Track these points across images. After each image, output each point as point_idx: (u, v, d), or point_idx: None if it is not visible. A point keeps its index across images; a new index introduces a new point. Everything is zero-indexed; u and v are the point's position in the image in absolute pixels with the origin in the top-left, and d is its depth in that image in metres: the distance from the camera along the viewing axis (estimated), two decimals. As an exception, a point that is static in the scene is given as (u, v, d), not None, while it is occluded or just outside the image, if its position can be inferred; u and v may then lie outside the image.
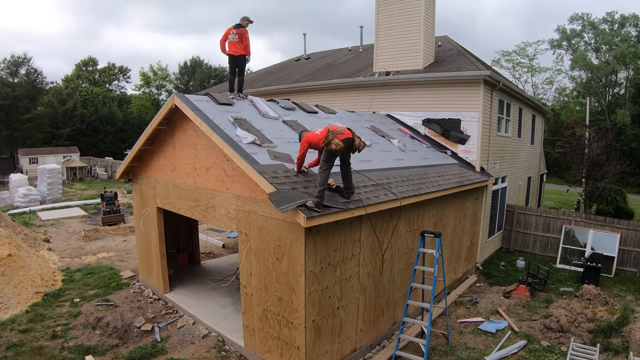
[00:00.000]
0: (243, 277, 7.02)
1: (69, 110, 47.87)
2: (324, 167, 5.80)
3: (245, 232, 6.81)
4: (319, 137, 6.01)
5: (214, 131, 6.70)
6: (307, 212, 5.46)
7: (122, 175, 9.98)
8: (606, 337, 7.80)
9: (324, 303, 6.34)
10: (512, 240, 14.55)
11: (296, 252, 5.95)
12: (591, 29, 47.36)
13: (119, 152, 47.79)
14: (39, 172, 23.79)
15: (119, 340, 7.78)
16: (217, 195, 7.35)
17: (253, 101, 9.07)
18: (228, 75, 9.32)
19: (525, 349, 7.71)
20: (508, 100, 13.81)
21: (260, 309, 6.77)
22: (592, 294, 9.59)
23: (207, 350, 7.44)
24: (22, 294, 9.13)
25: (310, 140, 6.12)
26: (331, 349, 6.63)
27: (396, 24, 13.45)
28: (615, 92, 47.68)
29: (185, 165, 8.07)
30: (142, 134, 8.67)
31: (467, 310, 9.64)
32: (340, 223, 6.33)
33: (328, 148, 5.76)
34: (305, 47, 22.68)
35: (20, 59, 46.39)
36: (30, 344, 7.39)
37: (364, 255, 7.12)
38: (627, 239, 12.47)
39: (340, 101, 14.30)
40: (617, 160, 19.35)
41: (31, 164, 38.59)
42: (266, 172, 6.07)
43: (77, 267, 11.58)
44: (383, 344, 7.91)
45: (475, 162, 11.82)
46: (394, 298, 8.18)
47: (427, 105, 12.67)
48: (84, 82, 62.70)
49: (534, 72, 53.76)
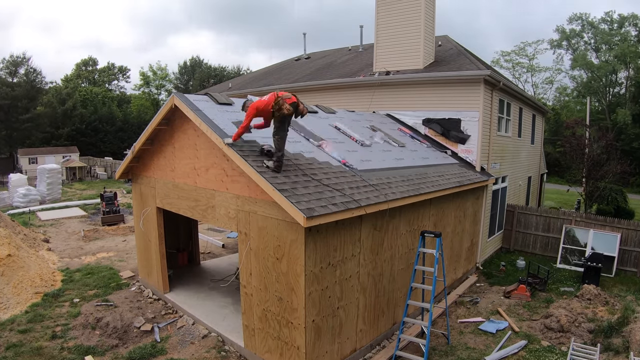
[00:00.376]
0: (243, 277, 7.01)
1: (68, 110, 47.69)
2: (279, 133, 6.28)
3: (245, 232, 6.80)
4: (267, 102, 6.31)
5: (213, 131, 6.68)
6: (308, 212, 5.46)
7: (122, 175, 9.95)
8: (607, 337, 7.79)
9: (324, 303, 6.33)
10: (512, 240, 14.54)
11: (296, 252, 5.93)
12: (590, 28, 47.32)
13: (119, 152, 47.67)
14: (38, 172, 23.77)
15: (119, 340, 7.77)
16: (217, 195, 7.33)
17: (253, 101, 9.03)
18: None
19: (525, 349, 7.70)
20: (508, 99, 13.80)
21: (260, 309, 6.75)
22: (592, 294, 9.58)
23: (206, 350, 7.43)
24: (21, 294, 9.12)
25: (259, 106, 6.35)
26: (331, 349, 6.62)
27: (396, 23, 13.43)
28: (615, 91, 47.64)
29: (185, 165, 8.05)
30: (142, 133, 8.65)
31: (467, 310, 9.63)
32: (340, 223, 6.32)
33: (280, 113, 6.18)
34: (305, 46, 22.70)
35: (20, 59, 46.26)
36: (29, 344, 7.37)
37: (364, 255, 7.10)
38: (628, 239, 12.45)
39: (340, 101, 14.28)
40: (617, 160, 19.33)
41: (31, 164, 38.56)
42: (266, 171, 6.06)
43: (77, 267, 11.56)
44: (383, 344, 7.90)
45: (475, 161, 11.81)
46: (394, 298, 8.16)
47: (427, 104, 12.65)
48: (84, 82, 62.63)
49: (534, 72, 53.78)
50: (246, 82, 21.16)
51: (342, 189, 6.62)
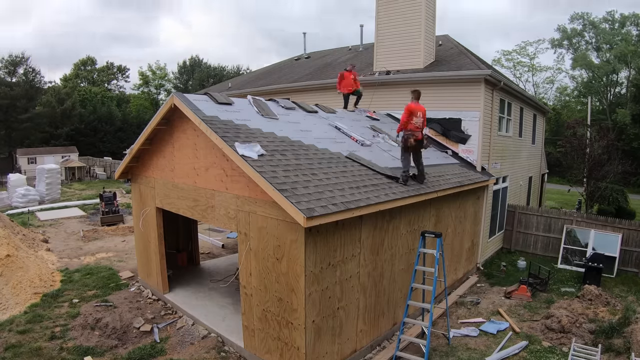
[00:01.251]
0: (242, 277, 6.98)
1: (67, 110, 47.27)
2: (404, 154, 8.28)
3: (245, 232, 6.77)
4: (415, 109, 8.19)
5: (213, 131, 6.65)
6: (308, 212, 5.42)
7: (121, 175, 9.92)
8: (608, 338, 7.76)
9: (324, 303, 6.30)
10: (513, 241, 14.50)
11: (296, 252, 5.90)
12: (592, 28, 47.16)
13: (118, 152, 47.35)
14: (37, 172, 23.70)
15: (118, 341, 7.73)
16: (217, 195, 7.30)
17: (251, 101, 9.02)
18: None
19: (526, 350, 7.68)
20: (509, 99, 13.76)
21: (260, 309, 6.73)
22: (593, 294, 9.55)
23: (206, 351, 7.39)
24: (20, 295, 9.08)
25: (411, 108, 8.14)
26: (331, 350, 6.59)
27: (396, 22, 13.40)
28: (616, 91, 47.49)
29: (185, 165, 8.02)
30: (141, 133, 8.62)
31: (468, 310, 9.60)
32: (340, 223, 6.29)
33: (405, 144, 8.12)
34: (305, 46, 22.65)
35: (18, 58, 46.06)
36: (28, 344, 7.34)
37: (364, 256, 7.07)
38: (629, 239, 12.42)
39: (341, 100, 14.23)
40: (618, 160, 19.26)
41: (30, 164, 38.41)
42: (265, 171, 6.04)
43: (76, 268, 11.52)
44: (383, 345, 7.87)
45: (476, 161, 11.78)
46: (395, 298, 8.13)
47: (428, 104, 12.51)
48: (83, 82, 62.32)
49: (535, 72, 53.55)
50: (246, 81, 21.13)
51: (342, 188, 6.60)
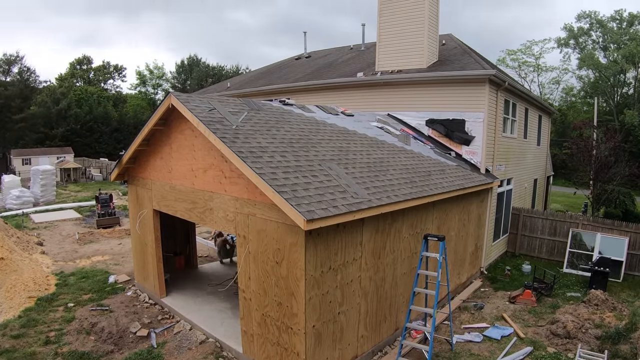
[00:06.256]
0: (241, 281, 6.85)
1: (62, 110, 46.38)
2: None
3: (244, 235, 6.63)
4: None
5: (211, 131, 6.51)
6: (308, 215, 5.27)
7: (118, 176, 9.78)
8: (614, 344, 7.65)
9: (325, 308, 6.17)
10: (517, 244, 14.31)
11: (296, 256, 5.77)
12: (599, 27, 46.48)
13: (114, 152, 46.79)
14: (32, 173, 23.50)
15: (114, 346, 7.60)
16: (215, 197, 7.16)
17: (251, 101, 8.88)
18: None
19: (531, 356, 7.55)
20: (514, 100, 13.60)
21: (259, 314, 6.59)
22: (599, 299, 9.43)
23: (204, 356, 7.27)
24: (14, 299, 8.95)
25: None
26: (332, 356, 6.45)
27: (399, 22, 13.27)
28: (623, 92, 46.40)
29: (182, 167, 7.89)
30: (138, 134, 8.50)
31: (471, 315, 9.45)
32: (341, 226, 6.16)
33: None
34: (305, 45, 22.54)
35: (13, 57, 45.44)
36: (22, 349, 7.22)
37: (366, 259, 6.93)
38: (636, 243, 12.22)
39: (342, 101, 14.10)
40: (625, 162, 19.05)
41: (24, 165, 37.68)
42: (265, 173, 5.88)
43: (71, 271, 11.37)
44: (385, 350, 7.73)
45: (480, 163, 11.61)
46: (397, 303, 7.98)
47: (431, 105, 12.47)
48: (78, 81, 61.36)
49: (540, 72, 52.75)
50: (245, 81, 21.00)
51: (343, 190, 6.45)
